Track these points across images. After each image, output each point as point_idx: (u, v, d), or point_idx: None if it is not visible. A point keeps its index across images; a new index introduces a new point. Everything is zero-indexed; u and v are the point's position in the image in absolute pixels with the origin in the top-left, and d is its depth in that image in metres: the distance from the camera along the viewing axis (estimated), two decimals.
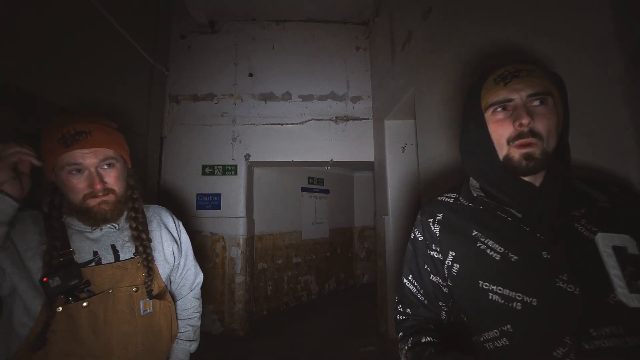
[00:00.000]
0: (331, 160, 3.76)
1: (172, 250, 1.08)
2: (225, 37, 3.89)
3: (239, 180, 3.68)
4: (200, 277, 1.23)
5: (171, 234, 1.09)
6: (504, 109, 0.69)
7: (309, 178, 5.09)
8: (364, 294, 5.06)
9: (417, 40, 2.37)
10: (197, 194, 3.64)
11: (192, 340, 1.14)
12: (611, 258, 0.61)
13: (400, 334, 0.81)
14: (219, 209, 3.63)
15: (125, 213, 0.99)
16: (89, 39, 2.43)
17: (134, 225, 0.96)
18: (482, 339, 0.69)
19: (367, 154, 3.75)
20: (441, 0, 1.96)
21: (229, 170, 3.68)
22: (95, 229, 0.92)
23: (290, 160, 3.73)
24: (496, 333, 0.66)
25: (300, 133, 3.76)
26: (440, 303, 0.79)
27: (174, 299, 1.13)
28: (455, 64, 1.78)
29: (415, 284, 0.82)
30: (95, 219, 0.89)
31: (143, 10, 3.21)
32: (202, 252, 3.58)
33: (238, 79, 3.83)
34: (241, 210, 3.65)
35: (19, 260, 0.82)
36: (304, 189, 5.00)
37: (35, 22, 1.95)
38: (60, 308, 0.81)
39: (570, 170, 0.72)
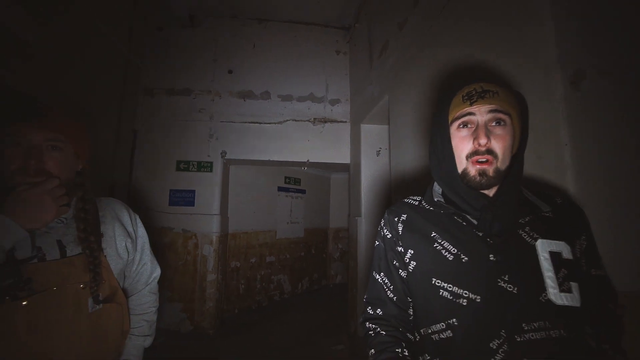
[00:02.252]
0: (308, 161, 3.80)
1: (126, 245, 1.03)
2: (205, 32, 3.85)
3: (215, 178, 3.65)
4: (158, 272, 1.17)
5: (125, 229, 1.05)
6: (467, 126, 0.75)
7: (285, 177, 5.10)
8: (337, 294, 5.13)
9: (393, 49, 2.46)
10: (171, 190, 3.57)
11: (146, 335, 1.10)
12: (547, 262, 0.70)
13: (372, 351, 0.80)
14: (193, 205, 3.58)
15: (73, 210, 0.93)
16: (59, 26, 2.34)
17: (81, 227, 0.90)
18: (429, 331, 0.76)
19: (343, 156, 3.82)
20: (416, 13, 2.06)
21: (205, 167, 3.64)
22: None
23: (268, 159, 3.74)
24: (442, 326, 0.73)
25: (278, 133, 3.78)
26: (409, 299, 0.84)
27: (127, 295, 1.09)
28: (426, 75, 1.87)
29: (386, 280, 0.85)
30: None
31: None
32: (173, 249, 3.52)
33: (217, 75, 3.80)
34: (215, 207, 3.62)
35: None
36: (280, 189, 5.01)
37: None
38: None
39: (521, 182, 0.78)
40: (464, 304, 0.71)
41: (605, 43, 0.96)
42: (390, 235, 0.86)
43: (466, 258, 0.73)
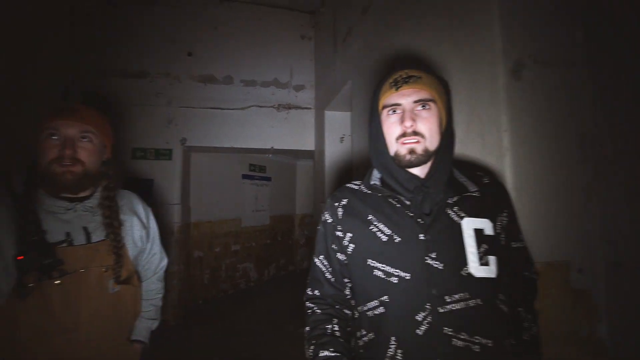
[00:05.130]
0: (272, 147, 3.76)
1: (141, 235, 1.14)
2: (163, 11, 3.61)
3: (174, 166, 3.51)
4: (165, 262, 1.30)
5: (141, 220, 1.15)
6: (395, 111, 0.80)
7: (250, 165, 5.02)
8: (303, 280, 5.18)
9: (356, 35, 2.47)
10: (127, 178, 3.39)
11: (153, 319, 1.23)
12: (471, 239, 0.76)
13: (307, 328, 0.85)
14: (151, 195, 3.43)
15: (99, 198, 1.03)
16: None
17: (107, 214, 1.02)
18: (365, 309, 0.81)
19: (308, 143, 3.82)
20: None
21: (163, 154, 3.48)
22: (69, 210, 0.96)
23: (230, 146, 3.66)
24: (376, 303, 0.78)
25: (242, 119, 3.69)
26: (346, 280, 0.88)
27: (140, 280, 1.20)
28: (385, 61, 1.90)
29: (325, 262, 0.89)
30: (57, 186, 0.92)
31: None
32: None
33: (176, 57, 3.60)
34: (176, 196, 3.50)
35: None
36: (245, 176, 4.93)
37: None
38: (32, 285, 0.86)
39: (450, 163, 0.82)
40: (395, 281, 0.75)
41: (547, 36, 1.03)
42: (330, 220, 0.89)
43: (399, 239, 0.77)
